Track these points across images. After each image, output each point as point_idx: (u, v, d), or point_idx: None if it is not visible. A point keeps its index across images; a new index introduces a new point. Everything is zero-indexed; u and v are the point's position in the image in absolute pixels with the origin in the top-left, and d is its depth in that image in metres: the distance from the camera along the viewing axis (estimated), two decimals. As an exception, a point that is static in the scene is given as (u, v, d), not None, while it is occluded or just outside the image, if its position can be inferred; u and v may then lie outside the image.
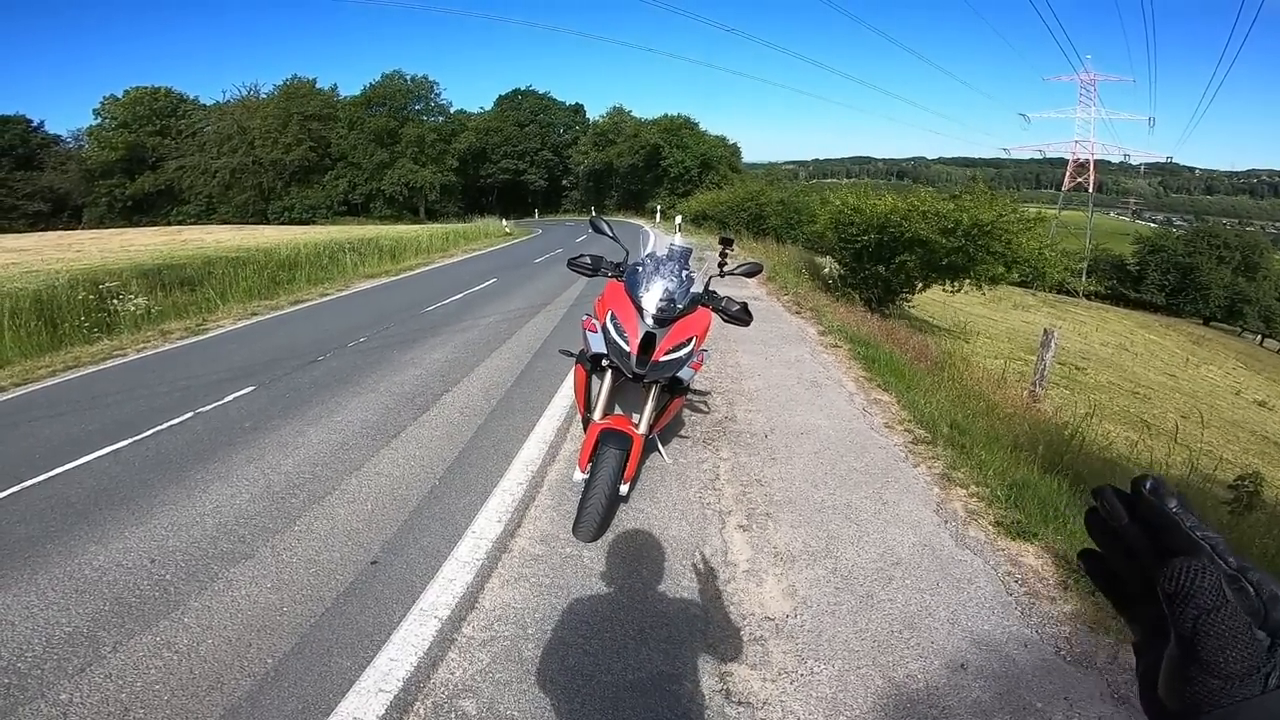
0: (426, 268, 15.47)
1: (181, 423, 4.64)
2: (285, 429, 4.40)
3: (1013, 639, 2.51)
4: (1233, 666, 0.32)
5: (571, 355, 3.47)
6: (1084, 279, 37.79)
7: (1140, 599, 0.38)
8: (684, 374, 2.74)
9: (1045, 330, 7.20)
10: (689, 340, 2.74)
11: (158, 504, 3.36)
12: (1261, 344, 38.21)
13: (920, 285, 11.69)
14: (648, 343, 2.66)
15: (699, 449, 4.05)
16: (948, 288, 11.23)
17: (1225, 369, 25.14)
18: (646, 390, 2.80)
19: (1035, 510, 3.29)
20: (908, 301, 12.46)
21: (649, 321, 2.69)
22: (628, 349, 2.63)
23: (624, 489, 2.84)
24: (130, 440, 4.30)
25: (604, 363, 2.78)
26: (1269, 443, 11.30)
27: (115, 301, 9.19)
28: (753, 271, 3.20)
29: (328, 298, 10.84)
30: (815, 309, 9.22)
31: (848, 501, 3.41)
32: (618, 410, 2.99)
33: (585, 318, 3.01)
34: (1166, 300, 43.22)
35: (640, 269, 2.90)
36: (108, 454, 4.10)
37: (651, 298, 2.74)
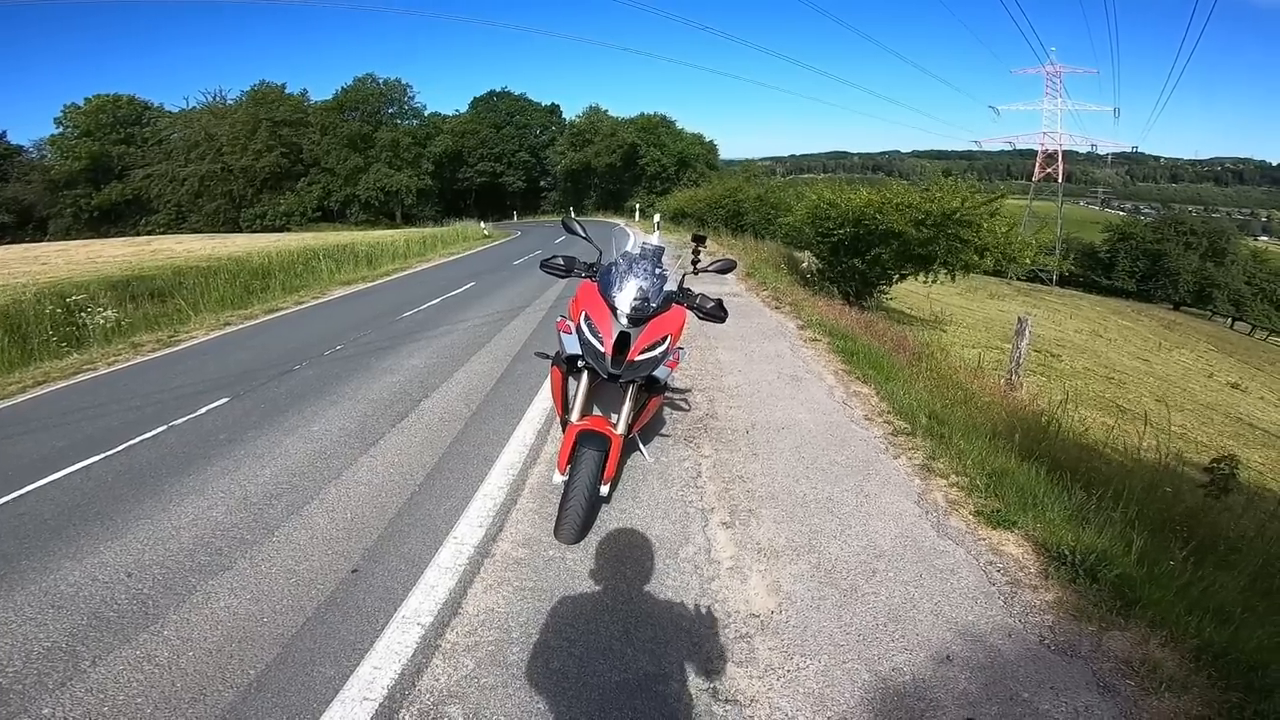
0: (404, 273, 15.30)
1: (155, 436, 4.54)
2: (261, 439, 4.32)
3: (997, 629, 2.53)
4: None
5: (548, 357, 3.44)
6: (1059, 259, 38.34)
7: None
8: (660, 373, 2.73)
9: (1019, 318, 7.31)
10: (664, 339, 2.72)
11: (132, 519, 3.28)
12: (1232, 327, 39.17)
13: (896, 277, 11.82)
14: (622, 343, 2.65)
15: (680, 447, 4.05)
16: (923, 279, 11.36)
17: (1197, 352, 25.76)
18: (624, 390, 2.78)
19: (1014, 498, 3.33)
20: (885, 294, 12.60)
21: (623, 321, 2.67)
22: (602, 349, 2.61)
23: (605, 489, 2.83)
24: (102, 455, 4.21)
25: (580, 364, 2.76)
26: (1243, 424, 11.61)
27: (83, 315, 8.98)
28: (726, 268, 3.20)
29: (303, 306, 10.68)
30: (794, 303, 9.28)
31: (829, 495, 3.43)
32: (596, 411, 2.98)
33: (560, 319, 2.99)
34: (1137, 286, 44.28)
35: (613, 269, 2.88)
36: (79, 470, 4.00)
37: (625, 297, 2.72)
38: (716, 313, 2.98)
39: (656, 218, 18.89)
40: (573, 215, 3.32)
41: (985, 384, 6.75)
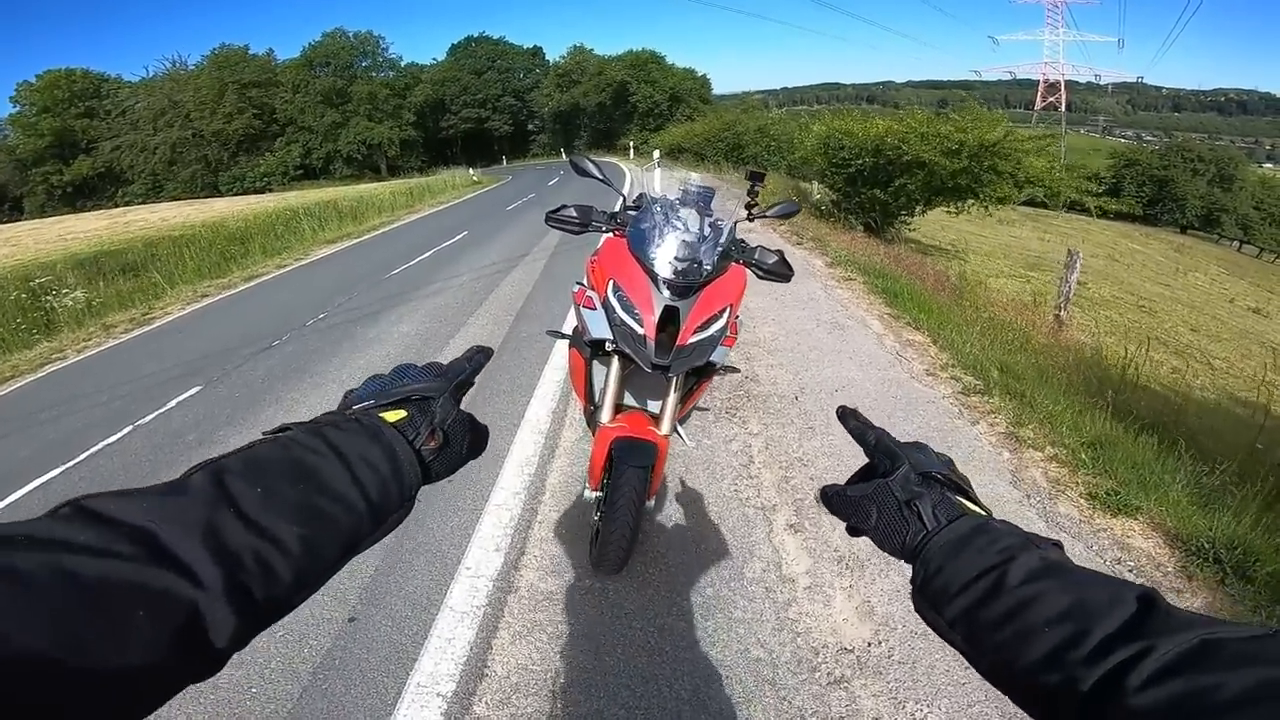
0: (391, 226, 14.46)
1: (119, 440, 4.00)
2: (233, 439, 3.76)
3: (1143, 647, 2.04)
4: (896, 536, 0.51)
5: (561, 336, 2.75)
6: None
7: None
8: (717, 355, 2.06)
9: (1069, 251, 6.66)
10: (722, 311, 2.00)
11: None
12: (1240, 250, 38.87)
13: (921, 208, 11.06)
14: (667, 319, 1.95)
15: (724, 423, 3.49)
16: (951, 209, 10.61)
17: (1210, 275, 25.01)
18: (665, 376, 2.12)
19: (1128, 475, 2.79)
20: (907, 224, 11.85)
21: (666, 293, 1.95)
22: (642, 331, 1.91)
23: (649, 503, 2.23)
24: (62, 469, 3.70)
25: (608, 346, 2.05)
26: (1280, 354, 11.04)
27: (50, 298, 8.32)
28: (789, 211, 2.48)
29: (285, 269, 9.97)
30: (816, 238, 8.58)
31: (909, 480, 2.88)
32: (629, 400, 2.33)
33: (576, 287, 2.26)
34: (1144, 211, 43.78)
35: (648, 218, 2.11)
36: (38, 488, 3.51)
37: (667, 258, 1.98)
38: (780, 269, 2.25)
39: (655, 155, 17.66)
40: (586, 156, 2.43)
41: (1031, 321, 6.17)
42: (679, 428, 2.72)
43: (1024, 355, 4.59)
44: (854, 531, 0.56)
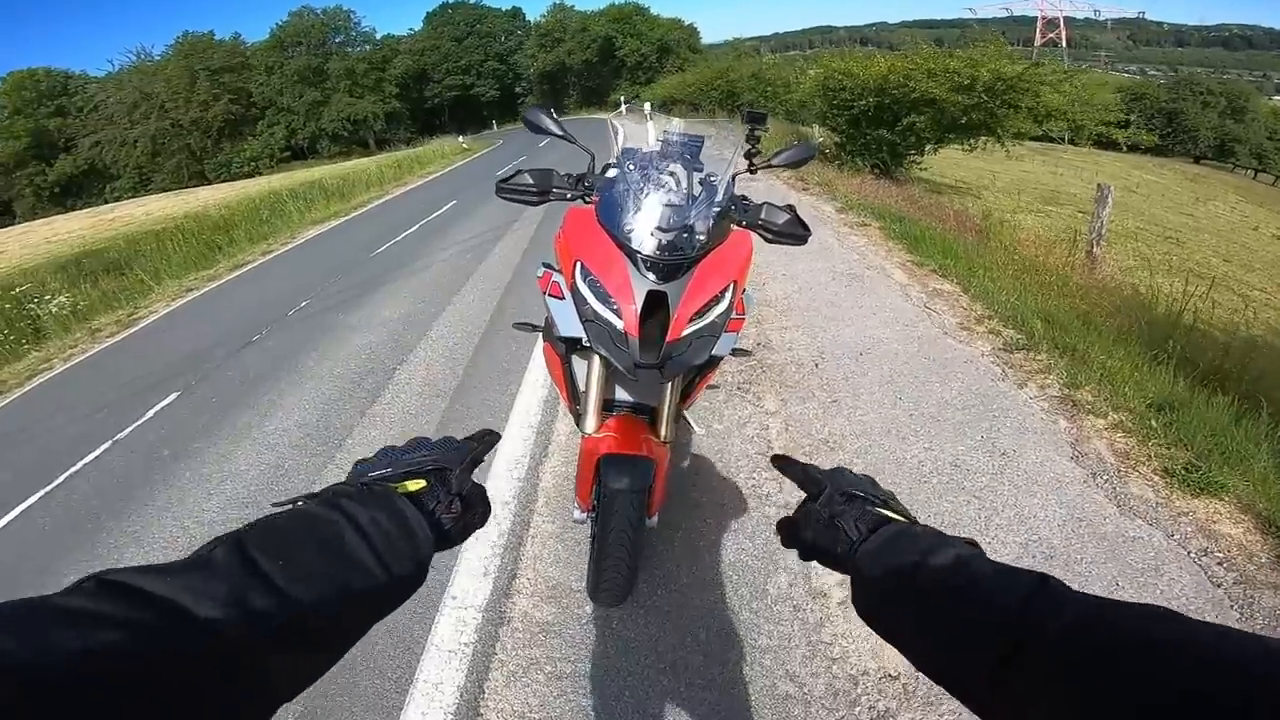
0: (380, 201, 13.99)
1: (97, 459, 3.75)
2: (208, 453, 3.46)
3: (1248, 655, 1.71)
4: (829, 551, 0.54)
5: (531, 329, 2.30)
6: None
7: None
8: (722, 346, 1.56)
9: (1099, 186, 6.12)
10: (724, 290, 1.52)
11: (66, 584, 2.50)
12: (1255, 178, 38.15)
13: (932, 147, 10.45)
14: (652, 307, 1.47)
15: (735, 401, 3.13)
16: (965, 146, 9.99)
17: (1229, 204, 24.11)
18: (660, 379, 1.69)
19: (1206, 444, 2.42)
20: (918, 164, 11.24)
21: (649, 274, 1.48)
22: (621, 327, 1.45)
23: (650, 520, 1.86)
24: (41, 494, 3.46)
25: (584, 344, 1.57)
26: (1317, 281, 10.50)
27: (34, 305, 8.04)
28: (802, 157, 2.01)
29: (271, 255, 9.61)
30: (823, 182, 8.08)
31: (953, 459, 2.53)
32: (621, 395, 1.87)
33: (542, 271, 1.76)
34: (1160, 141, 43.14)
35: (621, 180, 1.62)
36: (18, 517, 3.28)
37: (649, 229, 1.49)
38: (793, 230, 1.77)
39: (646, 107, 16.78)
40: (541, 108, 1.80)
41: (1064, 260, 5.72)
42: (685, 413, 2.30)
43: (1063, 300, 4.18)
44: (805, 556, 0.58)
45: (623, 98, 17.76)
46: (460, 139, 27.53)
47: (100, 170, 50.97)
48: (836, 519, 0.55)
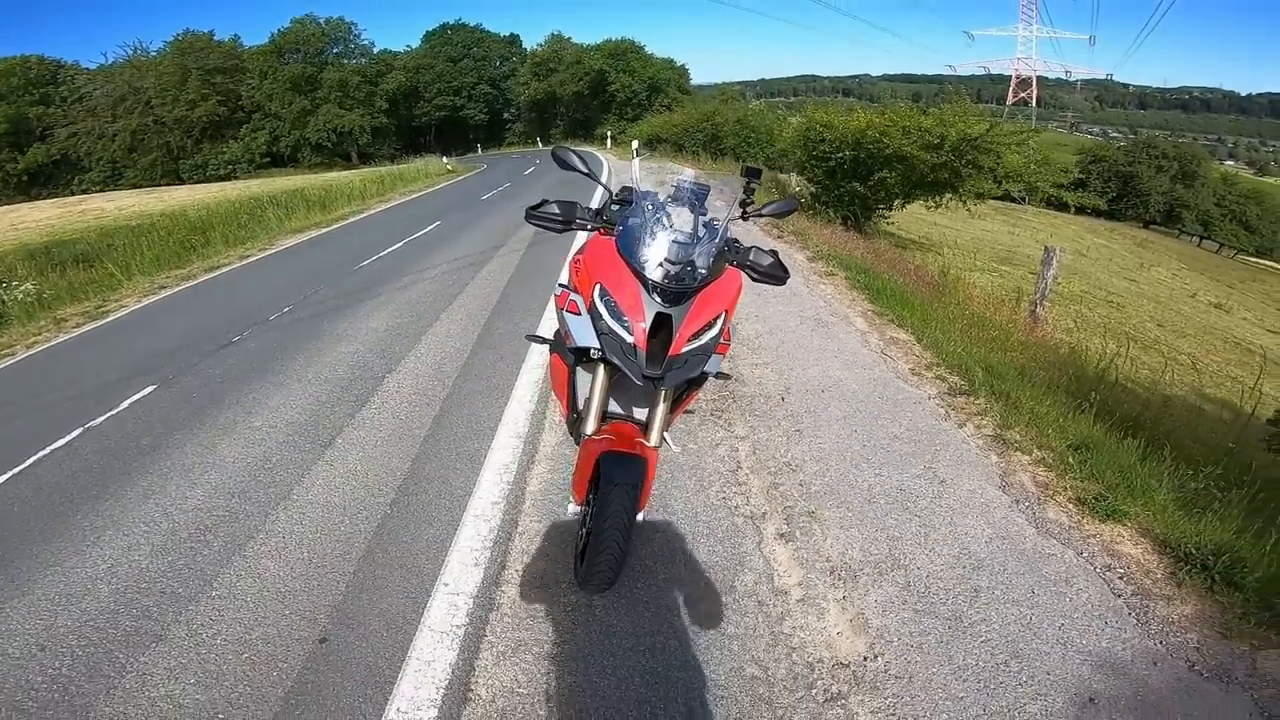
0: (361, 215, 14.02)
1: (68, 444, 3.76)
2: (191, 444, 3.56)
3: (1137, 655, 2.04)
4: None
5: (541, 341, 2.61)
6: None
7: None
8: (710, 365, 1.94)
9: (1046, 248, 6.69)
10: (717, 318, 1.91)
11: (39, 565, 2.59)
12: (1200, 245, 40.07)
13: (900, 202, 11.11)
14: (657, 327, 1.84)
15: (709, 426, 3.41)
16: (929, 204, 10.67)
17: (1171, 270, 25.79)
18: (657, 388, 2.02)
19: (1115, 479, 2.79)
20: (886, 219, 11.91)
21: (657, 298, 1.84)
22: (632, 341, 1.81)
23: (639, 515, 2.13)
24: (7, 476, 3.44)
25: (593, 354, 1.94)
26: (1242, 349, 11.41)
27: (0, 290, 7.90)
28: (786, 210, 2.37)
29: (249, 260, 9.58)
30: (797, 232, 8.55)
31: (899, 485, 2.84)
32: (614, 407, 2.22)
33: (559, 290, 2.14)
34: (1109, 206, 44.77)
35: (637, 217, 2.01)
36: None
37: (658, 260, 1.87)
38: (775, 272, 2.16)
39: (635, 145, 17.40)
40: (568, 148, 2.26)
41: (1009, 317, 6.22)
42: (665, 434, 2.62)
43: (1005, 353, 4.61)
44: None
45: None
46: (444, 160, 27.77)
47: (72, 161, 49.47)
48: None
